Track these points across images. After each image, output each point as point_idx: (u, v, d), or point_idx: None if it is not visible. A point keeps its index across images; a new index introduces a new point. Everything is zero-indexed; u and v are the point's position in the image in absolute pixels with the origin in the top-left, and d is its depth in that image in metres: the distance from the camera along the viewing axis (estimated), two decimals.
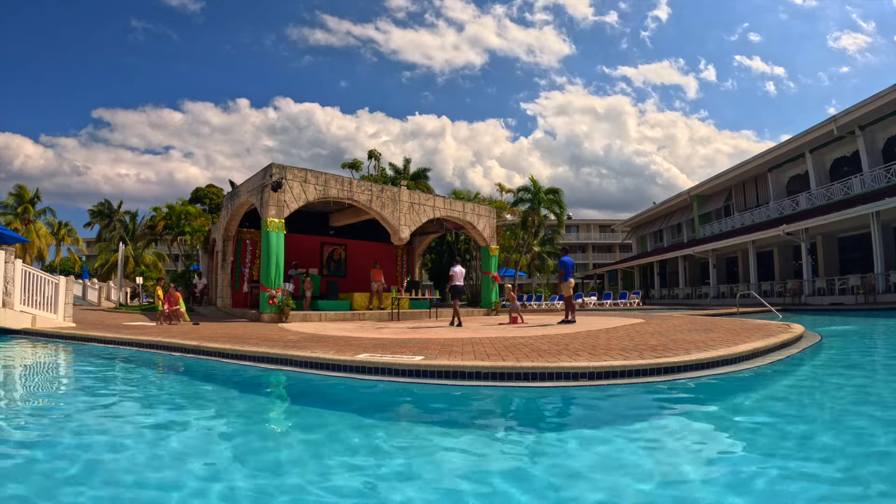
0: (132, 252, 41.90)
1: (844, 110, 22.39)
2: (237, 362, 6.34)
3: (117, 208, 50.07)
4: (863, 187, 22.51)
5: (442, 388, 4.70)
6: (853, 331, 11.04)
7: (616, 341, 6.75)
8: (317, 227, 20.55)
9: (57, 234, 43.60)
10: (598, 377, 4.65)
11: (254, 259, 18.98)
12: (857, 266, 21.97)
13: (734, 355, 5.44)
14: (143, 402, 4.63)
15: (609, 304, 29.55)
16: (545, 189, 29.22)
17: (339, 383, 5.13)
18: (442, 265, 28.76)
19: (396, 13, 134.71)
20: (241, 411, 4.35)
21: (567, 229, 56.87)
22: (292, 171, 14.65)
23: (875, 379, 5.68)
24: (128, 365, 6.86)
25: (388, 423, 3.90)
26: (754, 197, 31.69)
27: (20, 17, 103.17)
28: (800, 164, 27.32)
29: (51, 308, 11.70)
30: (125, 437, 3.38)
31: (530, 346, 6.43)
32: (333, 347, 6.57)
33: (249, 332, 9.63)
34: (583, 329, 9.12)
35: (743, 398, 4.46)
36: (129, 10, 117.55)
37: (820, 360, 6.52)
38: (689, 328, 8.73)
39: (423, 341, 7.29)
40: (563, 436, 3.43)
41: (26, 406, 4.56)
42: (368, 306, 17.39)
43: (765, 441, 3.19)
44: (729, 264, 32.69)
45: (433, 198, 19.21)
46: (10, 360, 7.53)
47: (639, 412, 3.92)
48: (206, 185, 36.34)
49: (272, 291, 13.71)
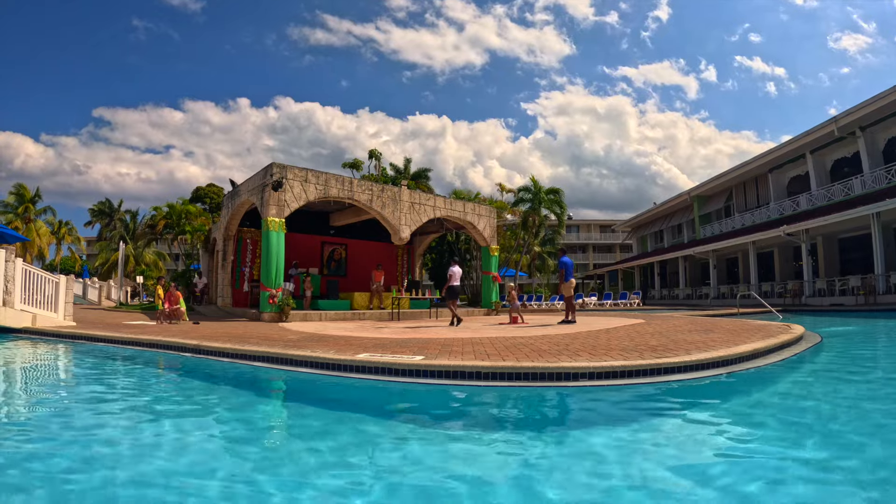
0: (133, 251, 41.94)
1: (845, 111, 22.39)
2: (237, 362, 6.34)
3: (118, 207, 50.11)
4: (863, 188, 22.51)
5: (442, 388, 4.70)
6: (853, 332, 11.04)
7: (616, 341, 6.75)
8: (317, 226, 20.56)
9: (57, 233, 43.63)
10: (599, 377, 4.65)
11: (254, 258, 18.99)
12: (858, 267, 21.96)
13: (735, 356, 5.43)
14: (142, 402, 4.63)
15: (609, 304, 29.54)
16: (546, 189, 29.22)
17: (340, 383, 5.13)
18: (442, 265, 28.75)
19: (397, 13, 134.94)
20: (240, 410, 4.35)
21: (567, 229, 56.88)
22: (293, 171, 14.65)
23: (875, 379, 5.67)
24: (128, 364, 6.87)
25: (387, 422, 3.90)
26: (755, 197, 31.67)
27: (21, 16, 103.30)
28: (800, 164, 27.32)
29: (51, 307, 11.71)
30: (124, 436, 3.38)
31: (531, 346, 6.42)
32: (334, 347, 6.57)
33: (250, 331, 9.63)
34: (583, 329, 9.12)
35: (744, 398, 4.46)
36: (131, 9, 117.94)
37: (820, 361, 6.52)
38: (690, 329, 8.73)
39: (424, 341, 7.29)
40: (563, 436, 3.43)
41: (26, 405, 4.56)
42: (369, 306, 17.40)
43: (766, 441, 3.19)
44: (729, 265, 32.68)
45: (434, 197, 19.21)
46: (10, 359, 7.53)
47: (639, 412, 3.91)
48: (207, 185, 36.33)
49: (272, 291, 13.72)
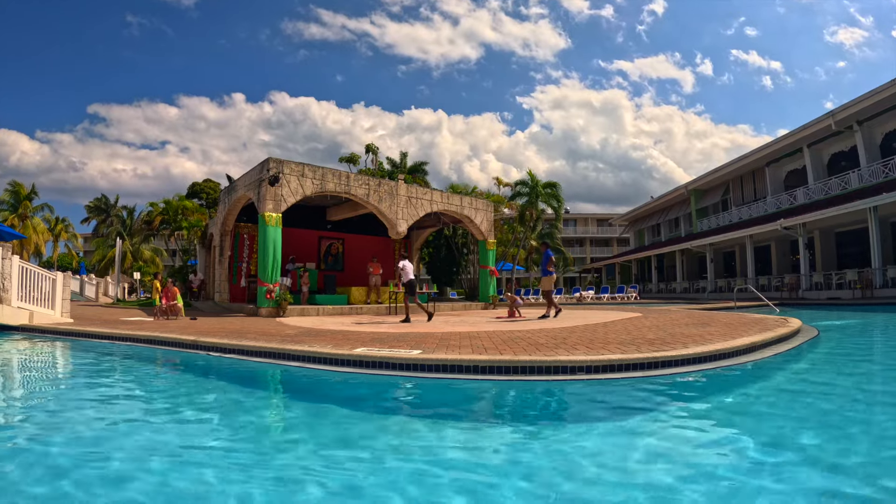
0: (130, 247, 41.82)
1: (842, 105, 22.38)
2: (235, 357, 6.33)
3: (114, 203, 49.91)
4: (860, 182, 22.55)
5: (439, 382, 4.71)
6: (850, 325, 11.09)
7: (614, 335, 6.76)
8: (314, 221, 20.51)
9: (54, 229, 43.46)
10: (596, 371, 4.66)
11: (251, 253, 18.94)
12: (855, 261, 22.04)
13: (732, 349, 5.45)
14: (140, 398, 4.62)
15: (607, 297, 29.61)
16: (543, 183, 29.21)
17: (337, 377, 5.13)
18: (440, 259, 28.73)
19: (391, 7, 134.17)
20: (238, 405, 4.35)
21: (565, 223, 56.89)
22: (289, 166, 14.60)
23: (871, 372, 5.70)
24: (125, 360, 6.85)
25: (385, 416, 3.90)
26: (752, 191, 31.71)
27: (13, 13, 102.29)
28: (797, 158, 27.34)
29: (48, 304, 11.68)
30: (123, 434, 3.38)
31: (528, 339, 6.43)
32: (331, 341, 6.56)
33: (247, 326, 9.62)
34: (580, 323, 9.13)
35: (741, 392, 4.48)
36: (124, 5, 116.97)
37: (817, 354, 6.54)
38: (687, 322, 8.75)
39: (421, 335, 7.29)
40: (560, 429, 3.44)
41: (24, 403, 4.54)
42: (366, 300, 17.39)
43: (764, 433, 3.20)
44: (726, 258, 32.77)
45: (430, 192, 19.17)
46: (7, 357, 7.51)
47: (636, 406, 3.92)
48: (203, 180, 36.20)
49: (270, 286, 13.70)
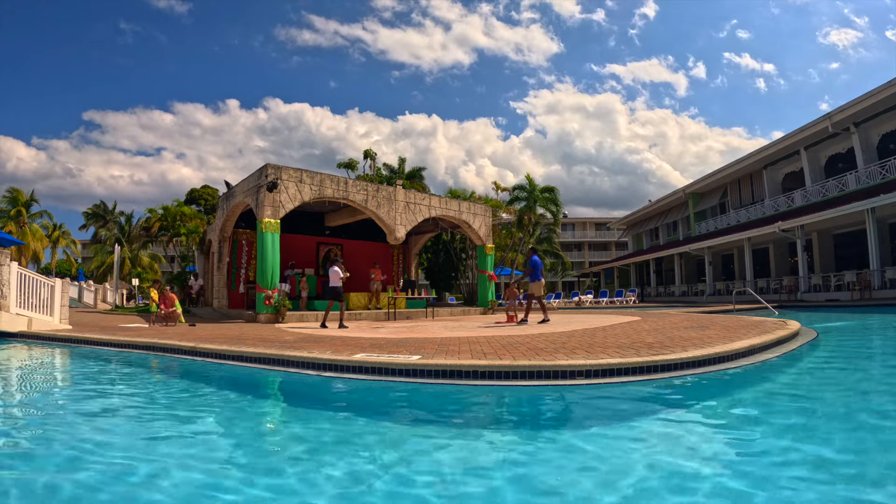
0: (128, 254, 41.75)
1: (839, 107, 22.48)
2: (234, 363, 6.32)
3: (112, 210, 49.81)
4: (858, 184, 22.61)
5: (439, 388, 4.70)
6: (849, 327, 11.09)
7: (613, 339, 6.76)
8: (312, 227, 20.51)
9: (52, 236, 43.39)
10: (595, 375, 4.65)
11: (250, 259, 18.92)
12: (853, 262, 22.07)
13: (731, 352, 5.45)
14: (139, 405, 4.60)
15: (605, 301, 29.60)
16: (541, 187, 29.24)
17: (337, 383, 5.12)
18: (439, 264, 28.74)
19: (383, 13, 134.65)
20: (237, 412, 4.33)
21: (563, 227, 56.91)
22: (287, 172, 14.62)
23: (871, 373, 5.71)
24: (124, 367, 6.83)
25: (384, 422, 3.89)
26: (750, 194, 31.79)
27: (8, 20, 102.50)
28: (795, 161, 27.44)
29: (47, 310, 11.65)
30: (121, 438, 3.36)
31: (527, 344, 6.43)
32: (330, 347, 6.55)
33: (246, 332, 9.59)
34: (579, 327, 9.13)
35: (741, 394, 4.48)
36: (118, 12, 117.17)
37: (816, 356, 6.54)
38: (686, 325, 8.75)
39: (421, 341, 7.28)
40: (560, 434, 3.43)
41: (22, 410, 4.52)
42: (367, 306, 17.37)
43: (763, 436, 3.20)
44: (725, 261, 32.81)
45: (429, 197, 19.20)
46: (5, 364, 7.48)
47: (636, 410, 3.92)
48: (201, 186, 36.13)
49: (268, 292, 13.68)
